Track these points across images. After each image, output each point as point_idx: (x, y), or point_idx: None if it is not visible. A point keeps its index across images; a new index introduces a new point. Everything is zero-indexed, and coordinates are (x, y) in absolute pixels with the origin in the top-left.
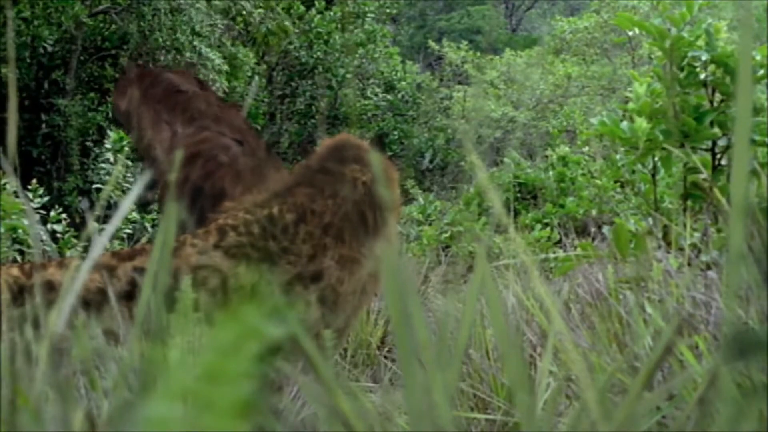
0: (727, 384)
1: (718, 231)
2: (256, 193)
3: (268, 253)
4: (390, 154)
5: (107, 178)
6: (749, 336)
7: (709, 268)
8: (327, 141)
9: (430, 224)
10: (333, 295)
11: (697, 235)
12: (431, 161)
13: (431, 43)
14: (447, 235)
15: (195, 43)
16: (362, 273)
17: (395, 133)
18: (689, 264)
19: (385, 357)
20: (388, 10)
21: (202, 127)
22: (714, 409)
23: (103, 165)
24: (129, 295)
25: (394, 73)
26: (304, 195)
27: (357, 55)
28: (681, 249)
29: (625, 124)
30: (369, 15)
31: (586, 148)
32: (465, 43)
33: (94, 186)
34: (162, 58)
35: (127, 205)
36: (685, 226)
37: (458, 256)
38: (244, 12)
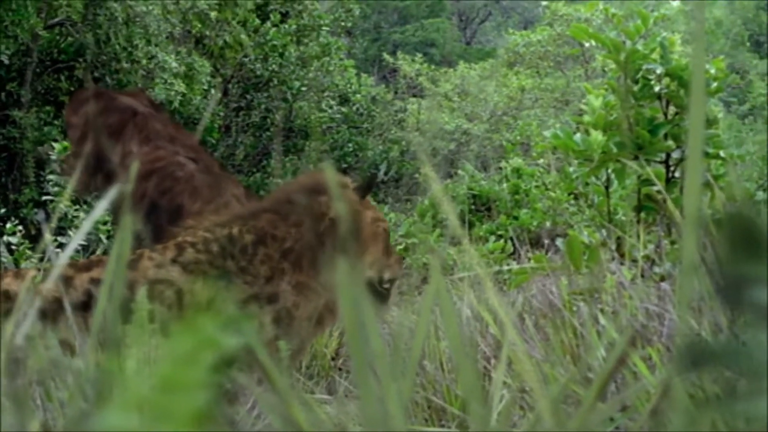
0: (680, 395)
1: (672, 243)
2: (218, 213)
3: (225, 271)
4: (345, 166)
5: (56, 189)
6: (702, 347)
7: (662, 279)
8: (303, 176)
9: None
10: (288, 318)
11: (650, 246)
12: (386, 173)
13: (386, 56)
14: (401, 247)
15: (151, 49)
16: (318, 302)
17: (350, 145)
18: (643, 276)
19: (340, 368)
20: (343, 23)
21: (158, 146)
22: (667, 420)
23: (51, 176)
24: (85, 306)
25: (349, 85)
26: (266, 220)
27: (312, 68)
28: (634, 261)
29: (578, 136)
30: (324, 28)
31: (540, 161)
32: (419, 55)
33: (44, 198)
34: (118, 67)
35: (89, 223)
36: (638, 237)
37: (413, 267)
38: (201, 16)
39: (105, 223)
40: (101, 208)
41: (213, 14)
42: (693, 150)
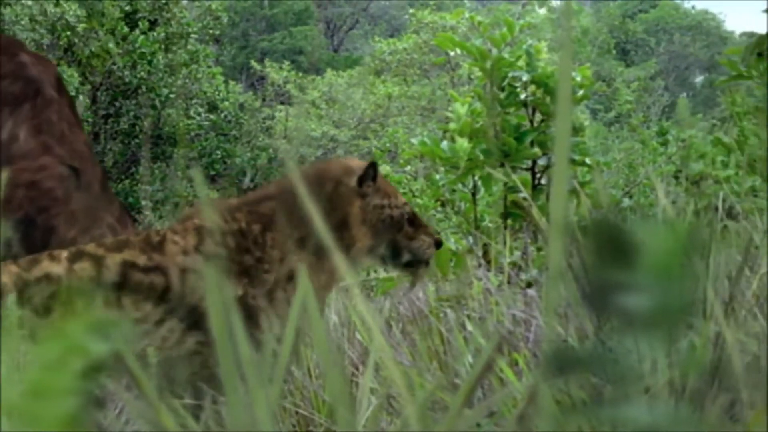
0: (546, 400)
1: (538, 249)
2: (95, 244)
3: (244, 266)
4: (213, 173)
5: None
6: (568, 353)
7: (529, 286)
8: (307, 166)
9: None
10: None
11: (517, 253)
12: (252, 180)
13: (254, 64)
14: None
15: None
16: (325, 276)
17: (218, 152)
18: (509, 282)
19: None
20: (211, 31)
21: (46, 146)
22: (533, 426)
23: None
24: (120, 286)
25: (217, 93)
26: (268, 207)
27: (180, 76)
28: (501, 267)
29: (445, 143)
30: (192, 36)
31: (407, 168)
32: (287, 63)
33: None
34: None
35: None
36: (505, 244)
37: None
38: (69, 25)
39: None
40: None
41: (81, 27)
42: (559, 157)
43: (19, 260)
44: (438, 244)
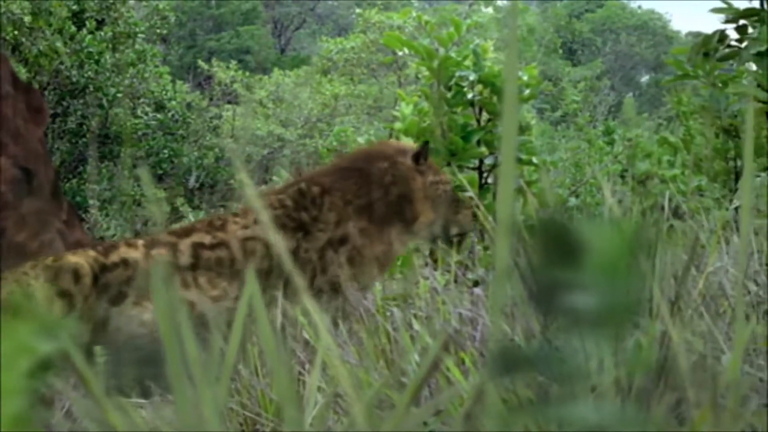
0: (493, 399)
1: (485, 248)
2: (43, 251)
3: (301, 222)
4: (160, 172)
5: None
6: (515, 352)
7: (475, 285)
8: (366, 145)
9: None
10: (359, 257)
11: (463, 252)
12: (198, 179)
13: (201, 63)
14: None
15: None
16: (380, 248)
17: (165, 151)
18: (456, 281)
19: None
20: (158, 31)
21: (0, 144)
22: (480, 424)
23: None
24: (193, 267)
25: (164, 92)
26: (328, 179)
27: (128, 75)
28: (448, 266)
29: None
30: (140, 35)
31: None
32: (234, 62)
33: None
34: None
35: None
36: (451, 243)
37: None
38: (16, 22)
39: None
40: None
41: (27, 18)
42: (506, 156)
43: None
44: (475, 215)
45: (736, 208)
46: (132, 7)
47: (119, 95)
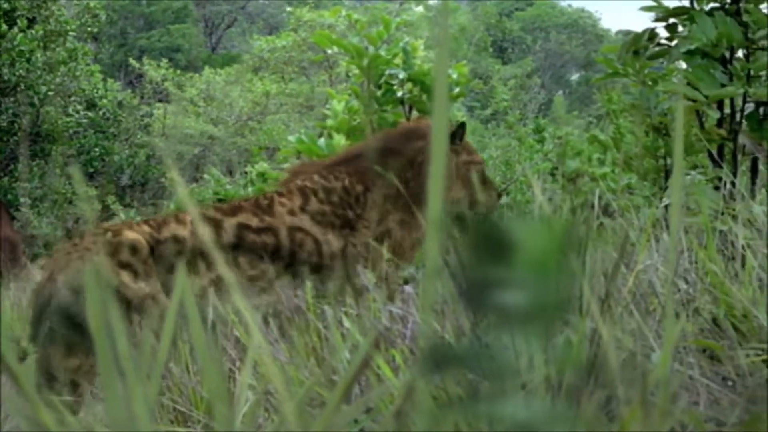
0: (423, 396)
1: None
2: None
3: (347, 220)
4: (91, 171)
5: None
6: (445, 350)
7: (406, 282)
8: (403, 123)
9: None
10: (399, 249)
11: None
12: (130, 177)
13: (132, 61)
14: None
15: None
16: (416, 234)
17: (96, 150)
18: (386, 279)
19: None
20: (89, 29)
21: None
22: (411, 421)
23: None
24: (235, 247)
25: (95, 90)
26: (365, 166)
27: (59, 73)
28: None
29: (322, 140)
30: (71, 33)
31: (285, 165)
32: (165, 61)
33: None
34: None
35: None
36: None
37: None
38: None
39: None
40: None
41: None
42: (436, 154)
43: (149, 221)
44: (500, 197)
45: (666, 206)
46: (63, 6)
47: (50, 93)
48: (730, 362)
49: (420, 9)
